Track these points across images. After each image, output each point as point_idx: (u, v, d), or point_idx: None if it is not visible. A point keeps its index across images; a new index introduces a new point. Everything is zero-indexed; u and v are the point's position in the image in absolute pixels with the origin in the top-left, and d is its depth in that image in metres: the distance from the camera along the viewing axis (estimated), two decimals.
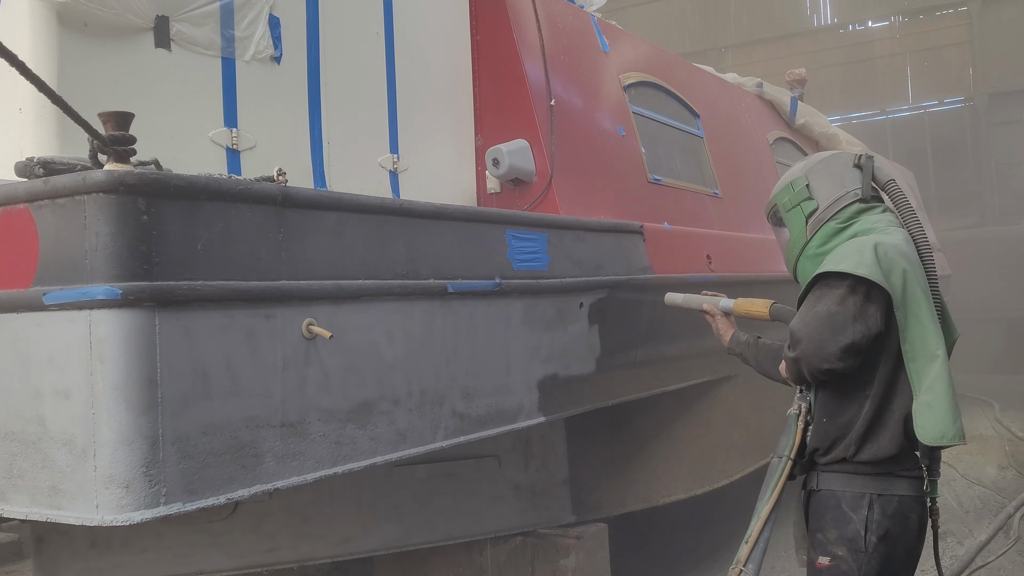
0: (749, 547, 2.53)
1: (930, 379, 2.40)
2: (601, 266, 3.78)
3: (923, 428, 2.37)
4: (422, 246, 2.82)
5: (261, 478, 2.28)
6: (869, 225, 2.57)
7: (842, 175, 2.67)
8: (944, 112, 18.29)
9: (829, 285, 2.44)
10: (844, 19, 19.16)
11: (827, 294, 2.43)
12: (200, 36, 2.89)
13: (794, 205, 2.70)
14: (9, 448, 2.14)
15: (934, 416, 2.37)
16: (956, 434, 2.38)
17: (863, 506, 2.43)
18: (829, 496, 2.50)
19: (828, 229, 2.61)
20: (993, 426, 9.45)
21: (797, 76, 8.88)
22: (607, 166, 4.47)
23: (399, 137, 3.68)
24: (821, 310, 2.42)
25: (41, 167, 2.12)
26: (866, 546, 2.40)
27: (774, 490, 2.57)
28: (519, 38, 4.11)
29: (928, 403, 2.38)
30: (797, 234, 2.69)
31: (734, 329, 3.10)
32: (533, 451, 4.22)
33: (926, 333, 2.41)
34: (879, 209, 2.65)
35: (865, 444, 2.45)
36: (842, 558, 2.42)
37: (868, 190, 2.63)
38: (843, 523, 2.44)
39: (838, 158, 2.74)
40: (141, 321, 2.00)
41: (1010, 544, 5.34)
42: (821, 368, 2.42)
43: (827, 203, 2.63)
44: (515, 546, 4.15)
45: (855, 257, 2.42)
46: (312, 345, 2.41)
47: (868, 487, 2.45)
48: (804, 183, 2.69)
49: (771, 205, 2.83)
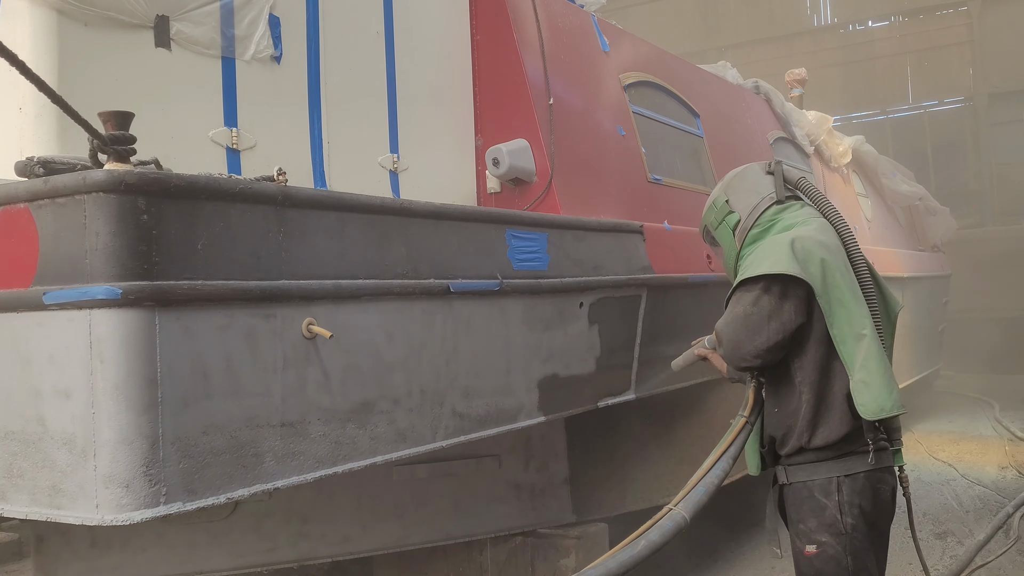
0: (684, 491, 2.68)
1: (862, 358, 2.52)
2: (601, 266, 3.78)
3: (863, 405, 2.50)
4: (422, 246, 2.82)
5: (261, 478, 2.28)
6: (790, 221, 2.76)
7: (756, 183, 2.90)
8: (944, 112, 18.28)
9: (746, 288, 2.64)
10: (844, 19, 19.14)
11: (743, 296, 2.64)
12: (200, 35, 2.89)
13: (720, 221, 2.93)
14: (9, 448, 2.14)
15: (871, 392, 2.49)
16: (894, 405, 2.50)
17: (833, 490, 2.55)
18: (801, 488, 2.62)
19: (753, 235, 2.81)
20: (993, 426, 9.45)
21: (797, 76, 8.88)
22: (607, 166, 4.47)
23: (399, 137, 3.69)
24: (739, 311, 2.63)
25: (41, 167, 2.12)
26: (845, 528, 2.53)
27: (722, 443, 2.75)
28: (519, 38, 4.11)
29: (864, 380, 2.51)
30: (729, 247, 2.92)
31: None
32: (533, 451, 4.22)
33: (851, 315, 2.55)
34: (796, 206, 2.85)
35: (817, 429, 2.58)
36: (827, 543, 2.54)
37: (782, 191, 2.85)
38: (820, 511, 2.56)
39: (749, 170, 2.98)
40: (141, 321, 2.00)
41: (1010, 544, 5.34)
42: (740, 366, 2.69)
43: (747, 212, 2.86)
44: (515, 546, 4.15)
45: (771, 256, 2.60)
46: (312, 345, 2.41)
47: (833, 471, 2.57)
48: (724, 199, 2.94)
49: (702, 227, 3.08)
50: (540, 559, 4.10)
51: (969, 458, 7.93)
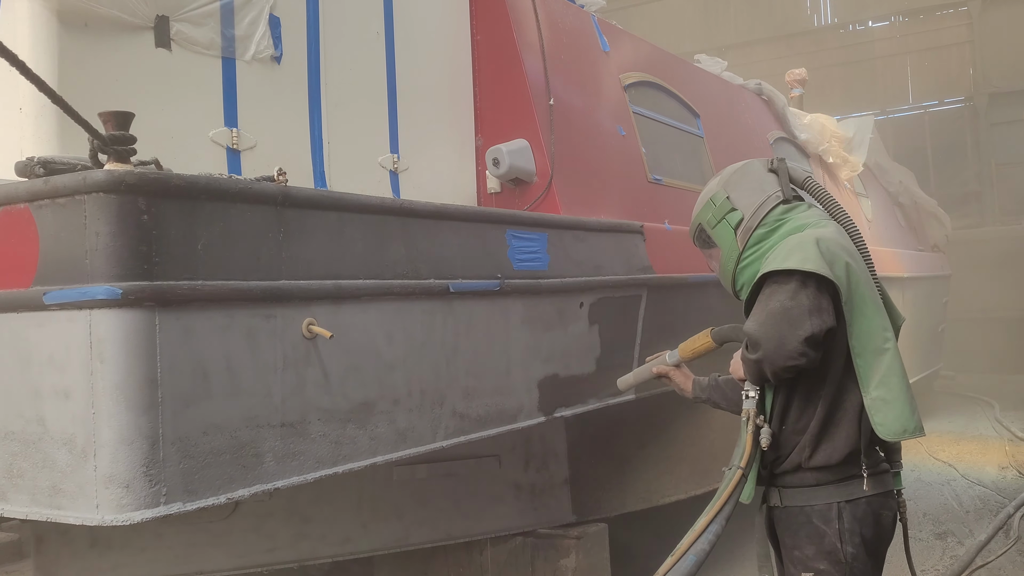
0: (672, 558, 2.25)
1: (881, 373, 2.35)
2: (601, 266, 3.78)
3: (882, 425, 2.33)
4: (422, 246, 2.82)
5: (261, 478, 2.28)
6: (800, 222, 2.53)
7: (760, 181, 2.64)
8: (944, 112, 18.28)
9: (778, 282, 2.36)
10: (844, 19, 19.14)
11: (778, 291, 2.35)
12: (200, 36, 2.89)
13: (719, 220, 2.64)
14: (9, 448, 2.14)
15: (892, 411, 2.34)
16: (916, 427, 2.35)
17: (833, 517, 2.38)
18: (798, 512, 2.44)
19: (758, 235, 2.56)
20: (993, 426, 9.45)
21: (797, 76, 8.89)
22: (607, 166, 4.47)
23: (399, 137, 3.69)
24: (775, 307, 2.33)
25: (41, 167, 2.12)
26: (845, 557, 2.36)
27: (716, 501, 2.34)
28: (519, 38, 4.11)
29: (883, 398, 2.34)
30: (729, 247, 2.63)
31: (693, 377, 3.02)
32: (533, 451, 4.22)
33: (872, 326, 2.38)
34: (803, 206, 2.62)
35: (819, 446, 2.40)
36: (824, 571, 2.38)
37: (788, 191, 2.61)
38: (818, 537, 2.40)
39: (750, 166, 2.71)
40: (141, 321, 2.00)
41: (1010, 544, 5.34)
42: (785, 366, 2.31)
43: (751, 210, 2.59)
44: (515, 546, 4.15)
45: (799, 253, 2.37)
46: (312, 345, 2.41)
47: (833, 496, 2.40)
48: (724, 196, 2.64)
49: (695, 226, 2.75)
50: (540, 559, 4.10)
51: (969, 458, 7.94)
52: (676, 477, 4.92)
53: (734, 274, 2.64)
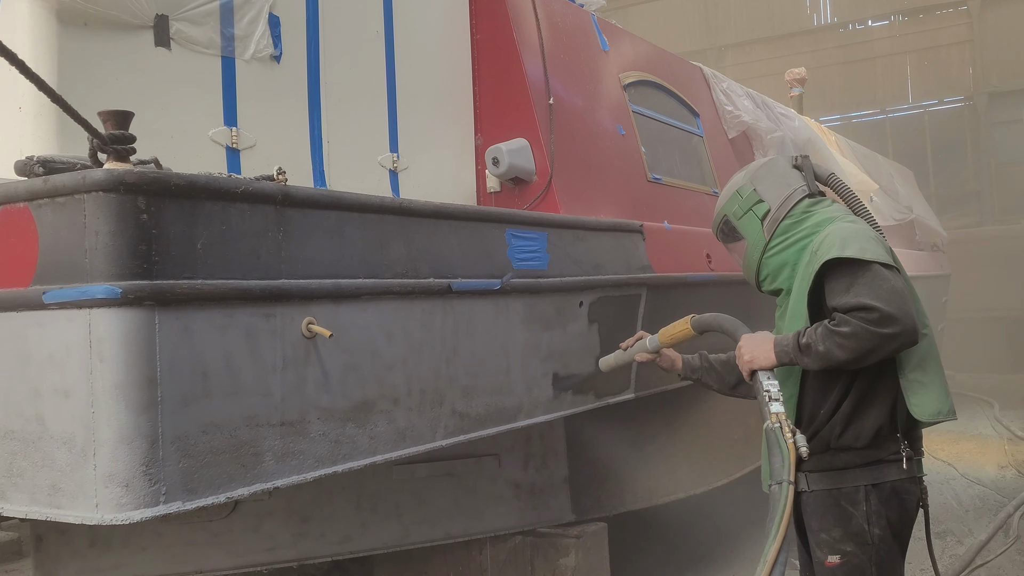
0: None
1: (919, 356, 2.42)
2: (601, 265, 3.78)
3: (918, 406, 2.40)
4: (422, 245, 2.82)
5: (261, 477, 2.28)
6: (827, 215, 2.61)
7: (785, 175, 2.74)
8: (944, 112, 18.29)
9: (865, 267, 2.35)
10: (844, 18, 19.15)
11: (877, 272, 2.33)
12: (200, 35, 2.89)
13: (745, 211, 2.73)
14: (9, 447, 2.14)
15: (929, 394, 2.41)
16: (950, 410, 2.43)
17: (860, 500, 2.45)
18: (825, 496, 2.50)
19: (785, 226, 2.64)
20: (993, 426, 9.46)
21: (796, 76, 8.89)
22: (607, 165, 4.47)
23: (399, 136, 3.68)
24: (887, 287, 2.30)
25: (41, 166, 2.12)
26: (872, 539, 2.43)
27: (780, 524, 2.16)
28: (519, 37, 4.11)
29: (920, 380, 2.41)
30: (755, 238, 2.71)
31: (681, 356, 3.11)
32: (533, 450, 4.22)
33: (915, 311, 2.43)
34: (827, 201, 2.72)
35: (849, 425, 2.46)
36: (852, 553, 2.44)
37: (814, 185, 2.71)
38: (846, 520, 2.46)
39: (776, 161, 2.81)
40: (141, 320, 2.00)
41: (1010, 543, 5.34)
42: (915, 340, 2.32)
43: (779, 202, 2.68)
44: (515, 545, 4.15)
45: (855, 242, 2.39)
46: (312, 344, 2.41)
47: (860, 479, 2.46)
48: (751, 188, 2.75)
49: (720, 218, 2.85)
50: (540, 558, 4.10)
51: (969, 457, 7.94)
52: (676, 476, 4.92)
53: (759, 264, 2.71)
